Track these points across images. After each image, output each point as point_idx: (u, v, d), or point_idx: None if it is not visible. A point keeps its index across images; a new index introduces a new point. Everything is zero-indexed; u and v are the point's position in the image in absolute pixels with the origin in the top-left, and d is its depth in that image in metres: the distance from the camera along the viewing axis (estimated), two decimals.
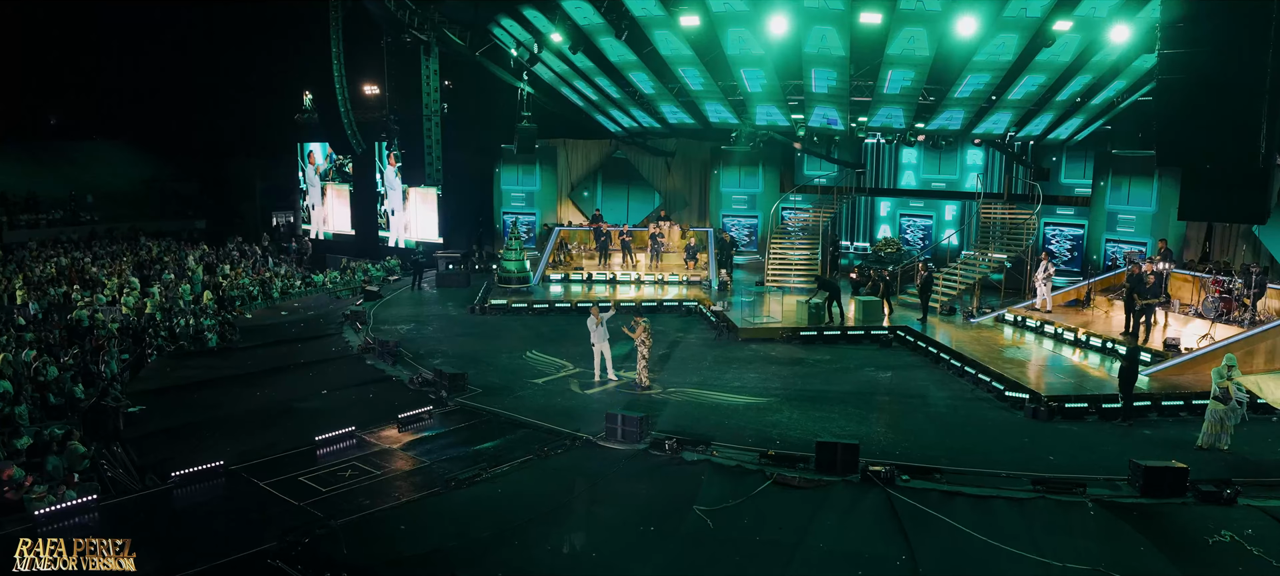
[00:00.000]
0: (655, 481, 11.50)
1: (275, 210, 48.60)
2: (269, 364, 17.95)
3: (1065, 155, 24.84)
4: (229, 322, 20.99)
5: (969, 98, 21.09)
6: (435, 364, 17.02)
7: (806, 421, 13.72)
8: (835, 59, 19.86)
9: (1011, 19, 18.03)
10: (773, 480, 11.42)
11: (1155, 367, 15.42)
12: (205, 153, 45.50)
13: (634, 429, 12.68)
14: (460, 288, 26.39)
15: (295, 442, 12.71)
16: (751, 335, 19.48)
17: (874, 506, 10.71)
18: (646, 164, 31.72)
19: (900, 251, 25.28)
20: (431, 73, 22.81)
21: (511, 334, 20.07)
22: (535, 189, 30.87)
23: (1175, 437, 13.06)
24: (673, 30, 20.06)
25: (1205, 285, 17.83)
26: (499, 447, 12.58)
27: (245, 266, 30.33)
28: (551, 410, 14.23)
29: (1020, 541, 9.77)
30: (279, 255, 35.81)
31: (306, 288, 28.14)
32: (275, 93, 41.70)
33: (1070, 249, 24.34)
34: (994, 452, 12.39)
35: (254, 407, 14.80)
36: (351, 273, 30.08)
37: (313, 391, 15.72)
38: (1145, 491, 10.83)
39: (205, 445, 12.89)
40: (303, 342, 19.93)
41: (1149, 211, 22.28)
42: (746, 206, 30.25)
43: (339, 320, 22.24)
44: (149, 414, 14.66)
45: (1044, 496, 10.84)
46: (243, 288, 25.63)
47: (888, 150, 28.27)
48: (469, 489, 11.11)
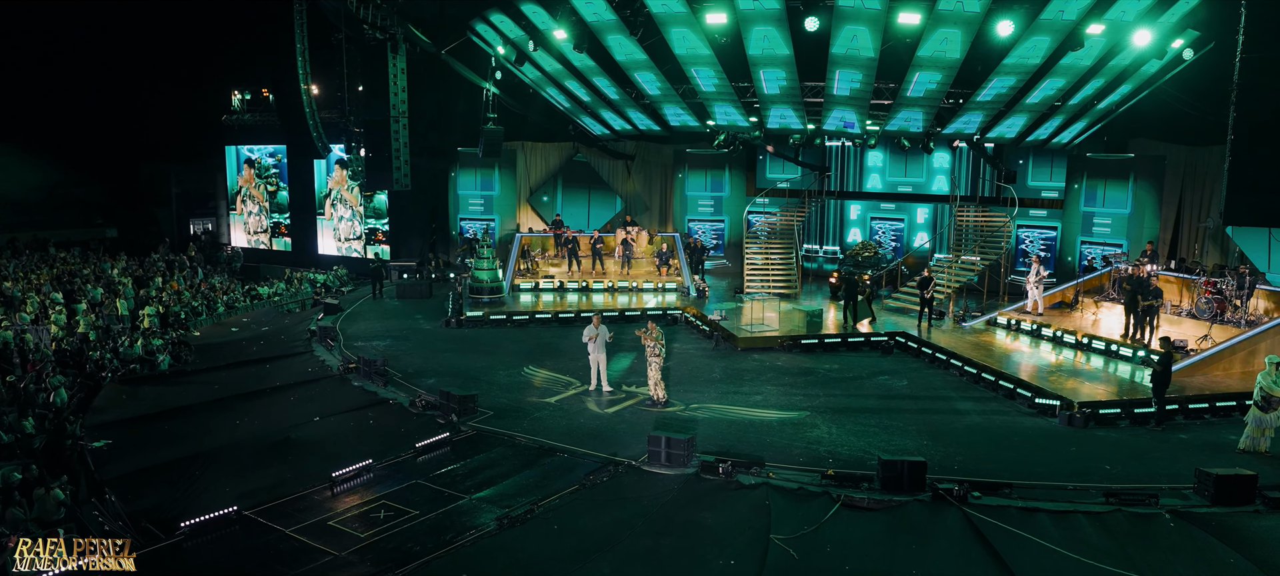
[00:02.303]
0: (718, 508, 10.76)
1: (193, 217, 45.72)
2: (240, 387, 16.42)
3: (1032, 158, 25.21)
4: (183, 343, 19.19)
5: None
6: (430, 383, 15.88)
7: (847, 436, 13.22)
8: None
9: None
10: (841, 502, 10.85)
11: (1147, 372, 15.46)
12: (111, 155, 42.07)
13: (681, 452, 11.90)
14: (423, 298, 24.99)
15: (307, 479, 11.48)
16: (751, 344, 18.94)
17: (954, 527, 10.24)
18: (606, 167, 30.88)
19: (877, 255, 25.20)
20: (399, 72, 21.50)
21: (498, 348, 18.97)
22: (494, 194, 29.60)
23: (1212, 441, 13.11)
24: (693, 28, 19.45)
25: (1196, 286, 18.18)
26: (537, 477, 11.62)
27: (179, 279, 28.10)
28: (578, 433, 13.31)
29: (1114, 558, 9.46)
30: (208, 266, 33.45)
31: (252, 301, 26.21)
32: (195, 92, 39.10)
33: (1044, 251, 24.71)
34: (1048, 463, 12.13)
35: (243, 439, 13.38)
36: (298, 284, 28.25)
37: (303, 418, 14.36)
38: (1216, 500, 10.71)
39: (200, 486, 11.55)
40: (271, 363, 18.36)
41: (1124, 213, 22.77)
42: (712, 210, 29.75)
43: (303, 336, 20.66)
44: (119, 450, 13.12)
45: (1120, 509, 10.58)
46: (187, 303, 23.61)
47: (853, 152, 28.23)
48: (524, 526, 10.14)
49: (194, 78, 37.96)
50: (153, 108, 39.85)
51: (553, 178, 30.38)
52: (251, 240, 36.33)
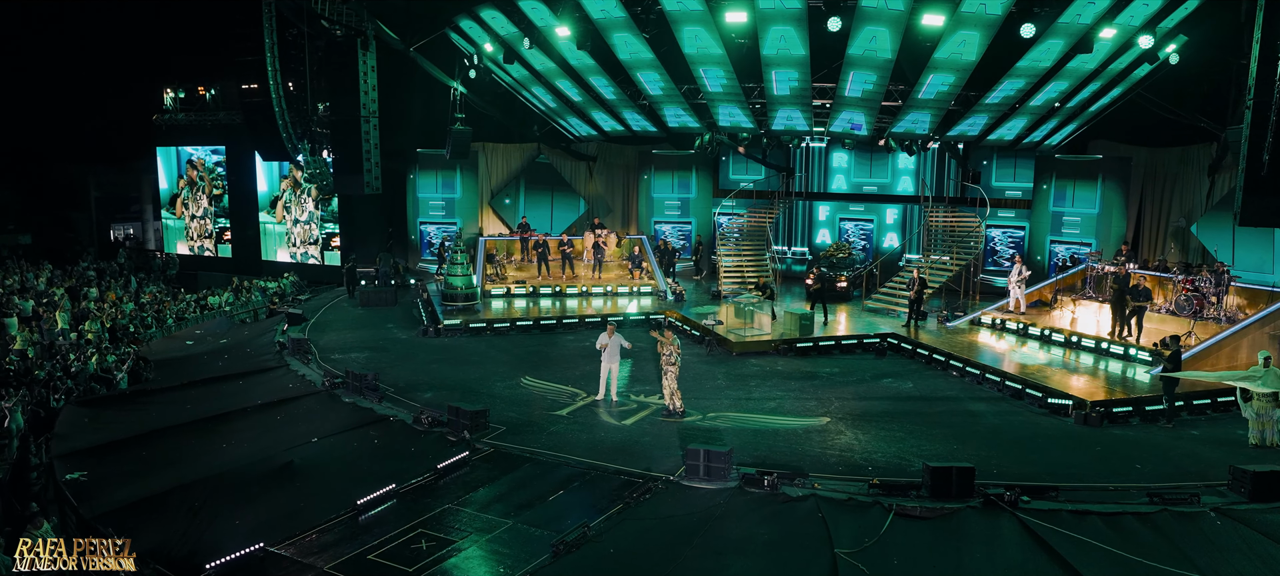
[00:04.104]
0: (770, 523, 10.40)
1: (114, 222, 43.07)
2: (217, 406, 15.25)
3: (995, 158, 25.71)
4: (142, 359, 17.81)
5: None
6: (428, 398, 15.08)
7: (876, 443, 13.04)
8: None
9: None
10: (894, 511, 10.62)
11: (1158, 369, 15.82)
12: (23, 157, 39.17)
13: (720, 465, 11.49)
14: (389, 306, 23.91)
15: (325, 507, 10.64)
16: (745, 348, 18.68)
17: (1013, 533, 10.12)
18: (569, 168, 30.26)
19: (851, 256, 25.30)
20: (369, 70, 20.47)
21: (487, 359, 18.21)
22: (455, 197, 28.63)
23: (1223, 436, 13.43)
24: (707, 27, 19.02)
25: (1174, 284, 18.74)
26: (575, 497, 11.04)
27: (116, 289, 26.29)
28: (604, 447, 12.75)
29: (1174, 559, 9.47)
30: (141, 274, 31.48)
31: (202, 312, 24.64)
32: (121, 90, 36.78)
33: (1012, 248, 25.22)
34: (1082, 464, 12.19)
35: (238, 464, 12.37)
36: (247, 292, 26.75)
37: (298, 439, 13.37)
38: (1254, 496, 10.88)
39: (205, 520, 10.60)
40: (244, 378, 17.16)
41: (1093, 213, 23.40)
42: (680, 212, 29.44)
43: (270, 349, 19.43)
44: (101, 481, 11.93)
45: (1166, 509, 10.64)
46: (135, 315, 22.00)
47: (817, 154, 28.32)
48: (579, 552, 9.56)
49: (120, 75, 35.64)
50: (71, 106, 37.35)
51: (515, 179, 29.59)
52: (191, 246, 34.29)
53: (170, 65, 34.68)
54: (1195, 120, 20.56)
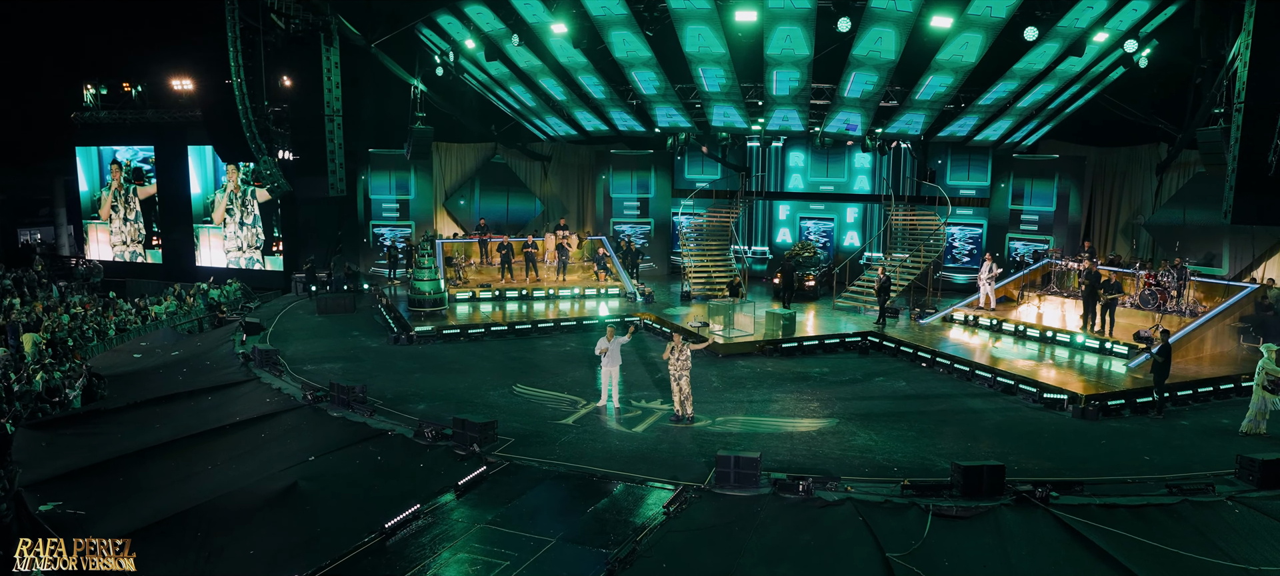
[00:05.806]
0: (812, 528, 10.27)
1: (21, 227, 40.37)
2: (189, 425, 14.24)
3: (950, 156, 26.30)
4: (97, 375, 16.52)
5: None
6: (422, 410, 14.44)
7: (892, 443, 13.06)
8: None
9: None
10: (931, 512, 10.62)
11: (1135, 362, 16.40)
12: None
13: (749, 471, 11.30)
14: (348, 313, 22.91)
15: (347, 532, 9.96)
16: (730, 350, 18.57)
17: (1049, 529, 10.23)
18: (524, 168, 29.67)
19: (816, 255, 25.50)
20: (333, 66, 19.53)
21: (470, 366, 17.57)
22: (410, 198, 27.68)
23: (1212, 425, 13.99)
24: (712, 26, 18.73)
25: (1136, 279, 19.47)
26: (610, 510, 10.66)
27: (41, 299, 24.44)
28: (622, 456, 12.40)
29: (1207, 548, 9.76)
30: (63, 283, 29.40)
31: (145, 322, 23.10)
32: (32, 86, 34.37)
33: (970, 249, 25.86)
34: (1093, 458, 12.48)
35: (233, 488, 11.50)
36: (191, 300, 25.24)
37: (293, 458, 12.54)
38: (1262, 484, 11.30)
39: (211, 551, 9.81)
40: (212, 394, 16.07)
41: (1050, 210, 24.18)
42: (638, 212, 29.18)
43: (231, 361, 18.27)
44: (82, 510, 10.93)
45: (1186, 499, 10.96)
46: (74, 327, 20.45)
47: (774, 153, 28.47)
48: (632, 568, 9.22)
49: (30, 71, 33.27)
50: None
51: (469, 180, 28.82)
52: (117, 252, 32.20)
53: (92, 60, 32.54)
54: (1153, 122, 21.43)
